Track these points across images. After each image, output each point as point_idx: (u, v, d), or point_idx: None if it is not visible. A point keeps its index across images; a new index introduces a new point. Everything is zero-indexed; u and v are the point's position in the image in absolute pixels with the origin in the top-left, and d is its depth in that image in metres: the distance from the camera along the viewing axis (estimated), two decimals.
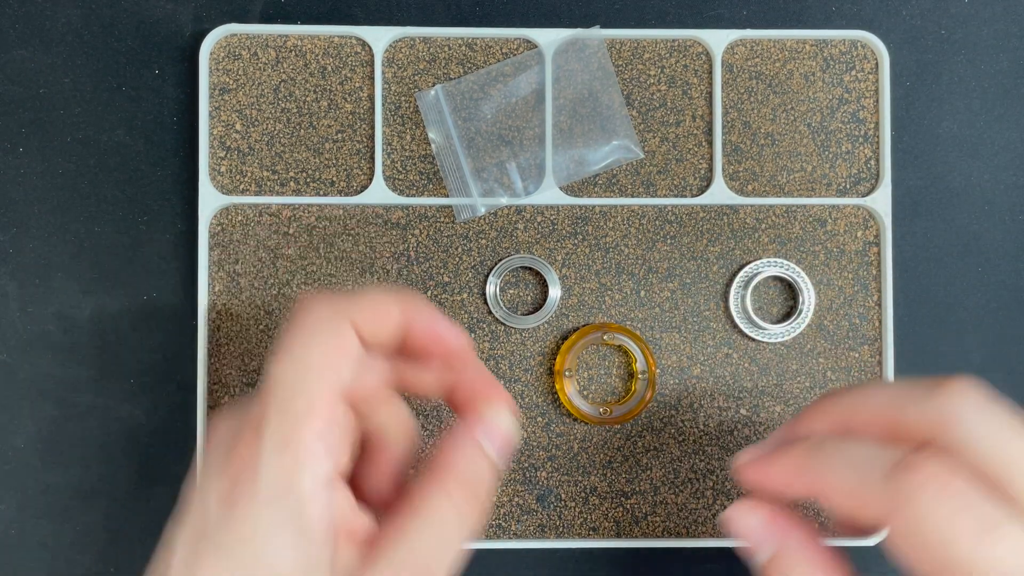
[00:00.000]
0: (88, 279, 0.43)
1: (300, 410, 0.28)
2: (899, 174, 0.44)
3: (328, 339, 0.29)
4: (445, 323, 0.31)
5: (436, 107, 0.43)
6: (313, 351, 0.28)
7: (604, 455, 0.42)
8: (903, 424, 0.28)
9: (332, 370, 0.28)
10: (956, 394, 0.27)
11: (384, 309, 0.30)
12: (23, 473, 0.42)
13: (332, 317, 0.29)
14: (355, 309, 0.29)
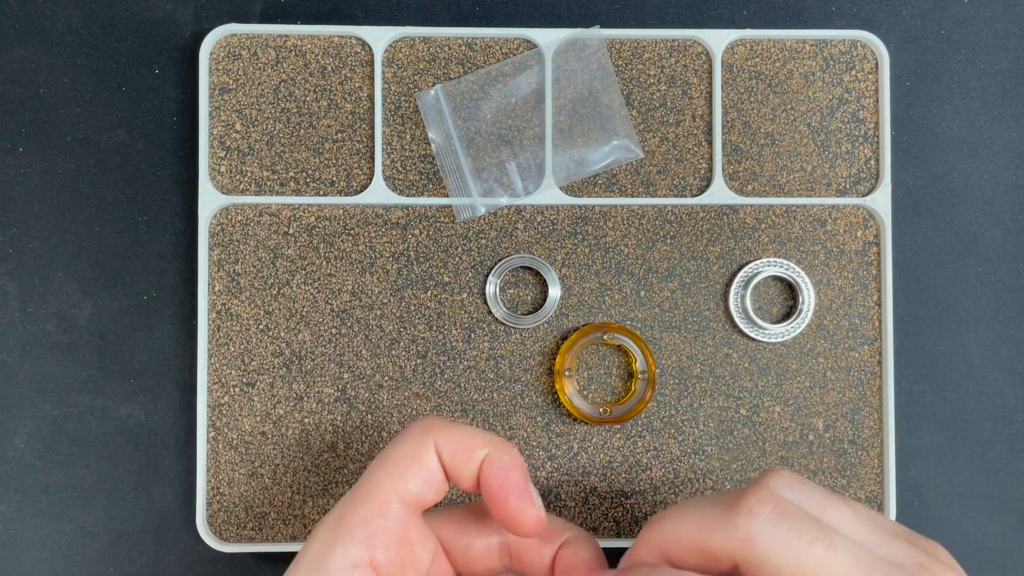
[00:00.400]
0: (88, 279, 0.43)
1: (359, 497, 0.31)
2: (899, 174, 0.44)
3: (408, 449, 0.32)
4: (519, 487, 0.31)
5: (436, 107, 0.43)
6: (393, 456, 0.32)
7: (604, 455, 0.42)
8: (712, 552, 0.29)
9: (399, 473, 0.31)
10: (748, 516, 0.28)
11: (468, 442, 0.32)
12: (23, 473, 0.42)
13: (419, 433, 0.32)
14: (443, 433, 0.32)
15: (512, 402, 0.42)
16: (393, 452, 0.32)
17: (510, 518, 0.31)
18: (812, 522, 0.28)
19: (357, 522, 0.30)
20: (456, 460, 0.32)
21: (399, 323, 0.42)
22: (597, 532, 0.42)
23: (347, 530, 0.30)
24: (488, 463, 0.32)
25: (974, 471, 0.44)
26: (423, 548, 0.32)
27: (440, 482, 0.32)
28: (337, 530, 0.30)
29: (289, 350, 0.42)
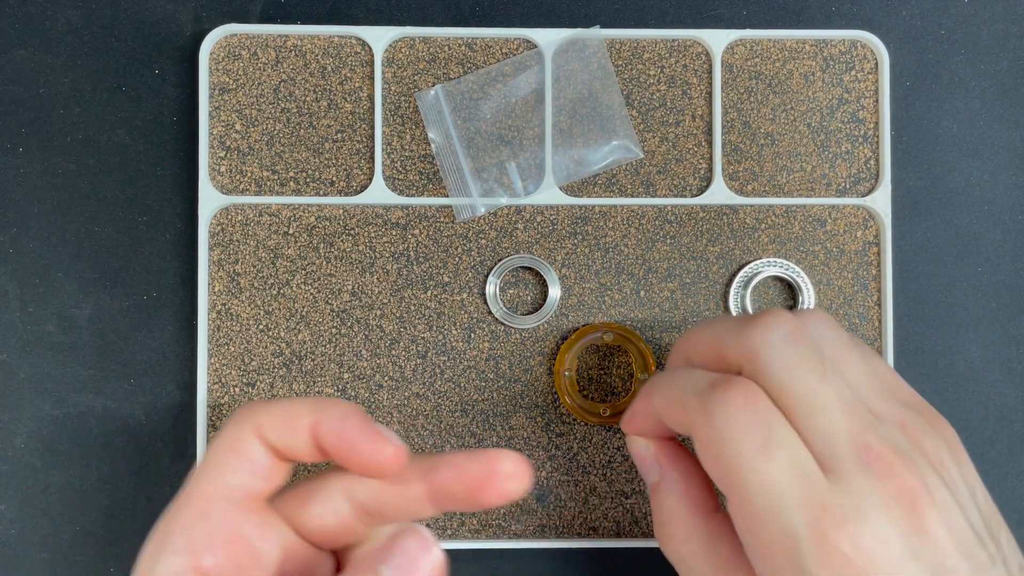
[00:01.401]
0: (88, 279, 0.43)
1: (179, 503, 0.29)
2: (899, 174, 0.44)
3: (224, 443, 0.29)
4: (359, 428, 0.29)
5: (436, 107, 0.43)
6: (210, 454, 0.29)
7: (604, 455, 0.42)
8: (724, 355, 0.31)
9: (217, 470, 0.29)
10: (763, 329, 0.30)
11: (291, 415, 0.29)
12: (23, 473, 0.42)
13: (235, 423, 0.30)
14: (261, 416, 0.29)
15: (512, 402, 0.42)
16: (211, 449, 0.30)
17: (368, 464, 0.29)
18: (817, 354, 0.30)
19: (177, 529, 0.28)
20: (283, 437, 0.29)
21: (399, 323, 0.42)
22: (597, 532, 0.42)
23: (169, 539, 0.28)
24: (318, 426, 0.29)
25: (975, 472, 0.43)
26: (266, 540, 0.29)
27: (270, 467, 0.29)
28: (160, 540, 0.28)
29: (289, 350, 0.42)
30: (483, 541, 0.42)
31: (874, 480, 0.28)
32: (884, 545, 0.28)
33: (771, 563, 0.29)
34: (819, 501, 0.28)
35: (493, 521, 0.42)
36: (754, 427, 0.29)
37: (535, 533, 0.42)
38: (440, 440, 0.42)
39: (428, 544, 0.28)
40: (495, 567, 0.43)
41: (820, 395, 0.29)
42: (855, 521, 0.28)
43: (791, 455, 0.29)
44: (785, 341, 0.30)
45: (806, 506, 0.28)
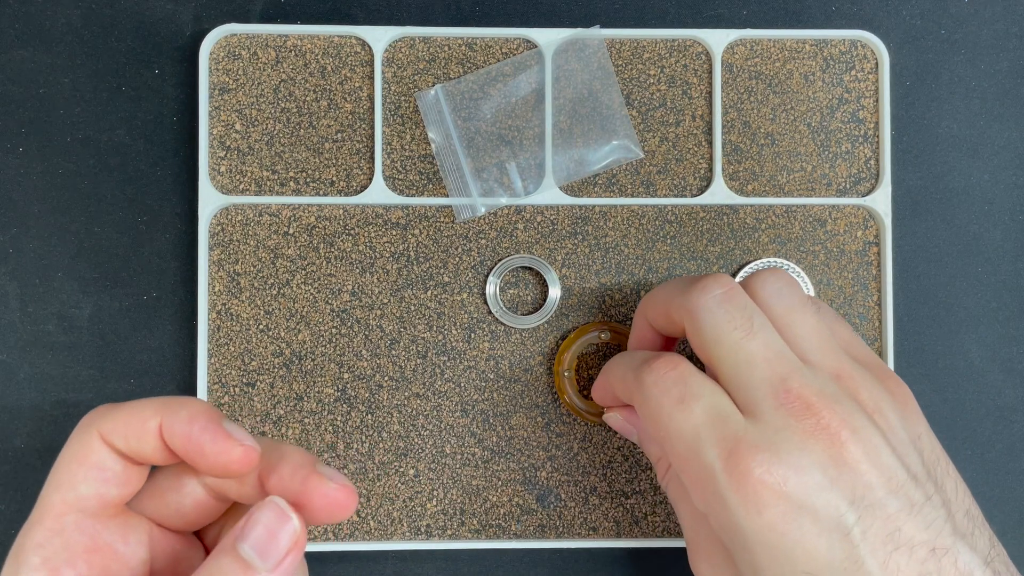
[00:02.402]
0: (88, 279, 0.43)
1: (32, 520, 0.28)
2: (899, 174, 0.44)
3: (69, 451, 0.29)
4: (204, 430, 0.28)
5: (436, 107, 0.43)
6: (58, 465, 0.29)
7: (604, 455, 0.42)
8: (671, 315, 0.35)
9: (67, 482, 0.28)
10: (699, 291, 0.34)
11: (137, 418, 0.29)
12: (23, 473, 0.42)
13: (79, 432, 0.29)
14: (104, 419, 0.29)
15: (512, 402, 0.42)
16: (58, 460, 0.29)
17: (218, 466, 0.28)
18: (746, 314, 0.33)
19: (32, 548, 0.28)
20: (130, 442, 0.29)
21: (399, 323, 0.42)
22: (597, 532, 0.42)
23: (24, 560, 0.28)
24: (165, 429, 0.28)
25: (974, 471, 0.43)
26: (128, 544, 0.29)
27: (121, 473, 0.29)
28: (16, 563, 0.28)
29: (289, 350, 0.42)
30: (483, 541, 0.42)
31: (791, 419, 0.31)
32: (798, 473, 0.30)
33: (699, 498, 0.32)
34: (733, 436, 0.31)
35: (493, 521, 0.42)
36: (672, 385, 0.33)
37: (535, 533, 0.42)
38: (440, 440, 0.42)
39: (285, 515, 0.28)
40: (495, 567, 0.43)
41: (744, 350, 0.32)
42: (768, 451, 0.30)
43: (707, 403, 0.32)
44: (717, 302, 0.33)
45: (720, 442, 0.31)
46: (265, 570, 0.27)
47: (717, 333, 0.33)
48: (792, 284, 0.35)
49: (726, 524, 0.31)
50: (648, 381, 0.33)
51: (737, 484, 0.30)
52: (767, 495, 0.30)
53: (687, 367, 0.33)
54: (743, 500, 0.30)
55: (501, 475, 0.42)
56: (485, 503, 0.42)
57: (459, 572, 0.43)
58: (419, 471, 0.42)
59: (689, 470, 0.32)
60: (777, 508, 0.30)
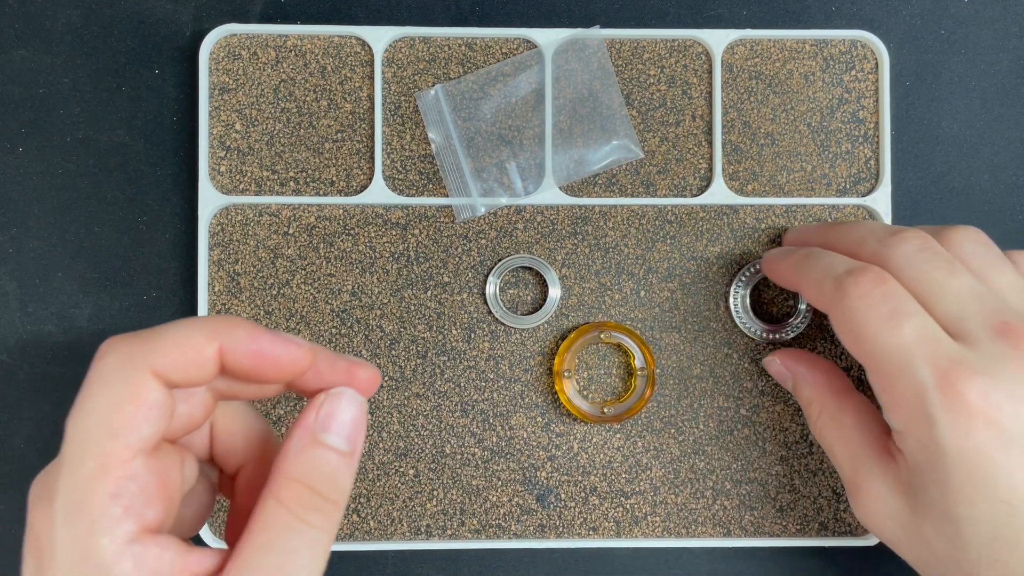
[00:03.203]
0: (88, 279, 0.43)
1: (91, 471, 0.26)
2: (899, 174, 0.44)
3: (122, 391, 0.27)
4: (269, 340, 0.28)
5: (436, 107, 0.43)
6: (105, 405, 0.27)
7: (604, 455, 0.42)
8: (861, 253, 0.35)
9: (126, 425, 0.26)
10: (899, 240, 0.34)
11: (192, 347, 0.27)
12: (23, 473, 0.42)
13: (127, 366, 0.27)
14: (155, 353, 0.27)
15: (512, 402, 0.42)
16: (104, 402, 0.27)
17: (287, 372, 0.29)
18: (946, 260, 0.33)
19: (108, 499, 0.26)
20: (188, 373, 0.27)
21: (399, 323, 0.42)
22: (597, 532, 0.42)
23: (104, 511, 0.26)
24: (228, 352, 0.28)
25: None
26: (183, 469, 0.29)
27: (171, 404, 0.28)
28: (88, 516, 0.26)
29: None
30: (483, 541, 0.42)
31: (1009, 348, 0.31)
32: (1013, 402, 0.30)
33: (903, 416, 0.32)
34: (946, 357, 0.31)
35: (493, 521, 0.42)
36: (881, 301, 0.32)
37: (535, 533, 0.42)
38: (440, 440, 0.42)
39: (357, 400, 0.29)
40: (495, 567, 0.43)
41: (950, 286, 0.33)
42: (986, 375, 0.30)
43: (917, 323, 0.32)
44: (916, 249, 0.34)
45: (933, 360, 0.31)
46: (351, 454, 0.29)
47: (919, 273, 0.33)
48: (987, 243, 0.35)
49: (926, 442, 0.31)
50: (854, 294, 0.33)
51: (949, 403, 0.30)
52: (980, 418, 0.30)
53: (895, 283, 0.33)
54: (953, 420, 0.30)
55: (501, 475, 0.42)
56: (485, 503, 0.42)
57: (459, 572, 0.43)
58: (419, 471, 0.42)
59: (895, 388, 0.32)
60: (988, 432, 0.30)
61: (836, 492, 0.42)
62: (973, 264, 0.34)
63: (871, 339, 0.32)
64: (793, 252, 0.38)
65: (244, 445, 0.31)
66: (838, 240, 0.37)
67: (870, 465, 0.34)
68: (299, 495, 0.27)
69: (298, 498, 0.27)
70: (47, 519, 0.26)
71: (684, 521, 0.42)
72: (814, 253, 0.37)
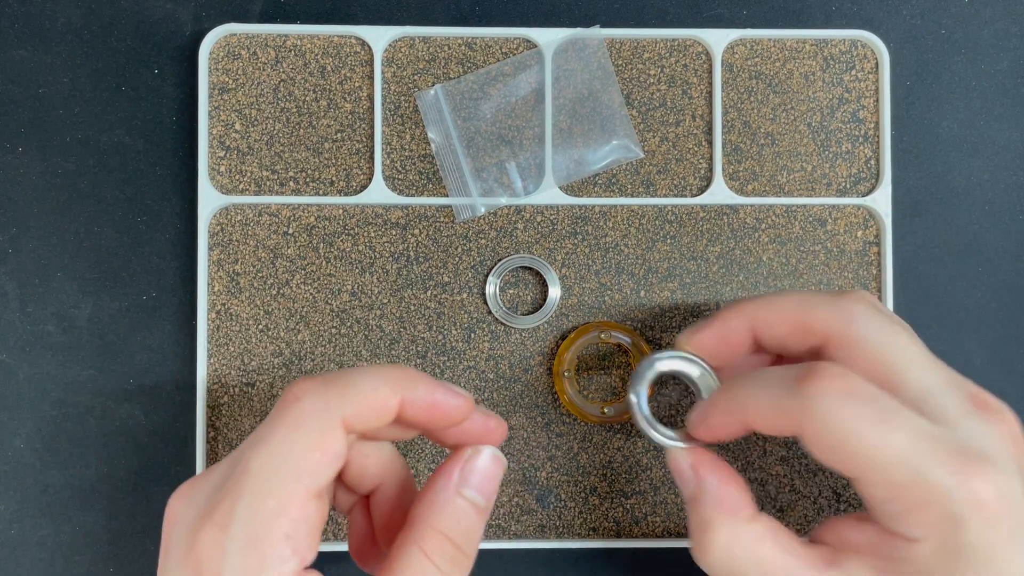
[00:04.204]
0: (88, 279, 0.43)
1: (271, 509, 0.28)
2: (899, 174, 0.44)
3: (313, 438, 0.28)
4: (443, 393, 0.31)
5: (436, 107, 0.43)
6: (295, 448, 0.28)
7: (604, 455, 0.42)
8: (810, 324, 0.32)
9: (310, 471, 0.28)
10: (854, 300, 0.32)
11: (379, 400, 0.30)
12: (23, 473, 0.42)
13: (321, 415, 0.29)
14: (347, 404, 0.29)
15: (512, 402, 0.42)
16: (293, 446, 0.28)
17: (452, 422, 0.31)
18: (898, 321, 0.31)
19: (282, 539, 0.28)
20: (370, 423, 0.30)
21: (399, 323, 0.42)
22: (597, 532, 0.42)
23: (273, 551, 0.28)
24: (408, 405, 0.30)
25: None
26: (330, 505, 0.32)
27: (345, 452, 0.30)
28: (260, 552, 0.28)
29: (289, 350, 0.42)
30: (483, 541, 0.42)
31: (988, 424, 0.30)
32: (1010, 487, 0.29)
33: (923, 523, 0.29)
34: (955, 451, 0.29)
35: (493, 521, 0.42)
36: (863, 404, 0.29)
37: (535, 533, 0.42)
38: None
39: (499, 460, 0.32)
40: (495, 567, 0.43)
41: (913, 353, 0.31)
42: (988, 463, 0.29)
43: (906, 418, 0.29)
44: (873, 310, 0.32)
45: (945, 459, 0.28)
46: (486, 510, 0.31)
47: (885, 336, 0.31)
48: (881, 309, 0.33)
49: (951, 545, 0.29)
50: (824, 406, 0.29)
51: (977, 501, 0.28)
52: (1003, 508, 0.28)
53: (861, 380, 0.30)
54: (982, 517, 0.28)
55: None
56: None
57: None
58: (419, 471, 0.42)
59: (910, 496, 0.29)
60: (1009, 521, 0.29)
61: (836, 492, 0.42)
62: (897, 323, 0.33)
63: (868, 451, 0.29)
64: (712, 400, 0.33)
65: (377, 471, 0.33)
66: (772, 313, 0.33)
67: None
68: (441, 547, 0.30)
69: (440, 550, 0.30)
70: (218, 544, 0.28)
71: (684, 521, 0.42)
72: (740, 381, 0.32)
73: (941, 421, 0.30)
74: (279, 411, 0.29)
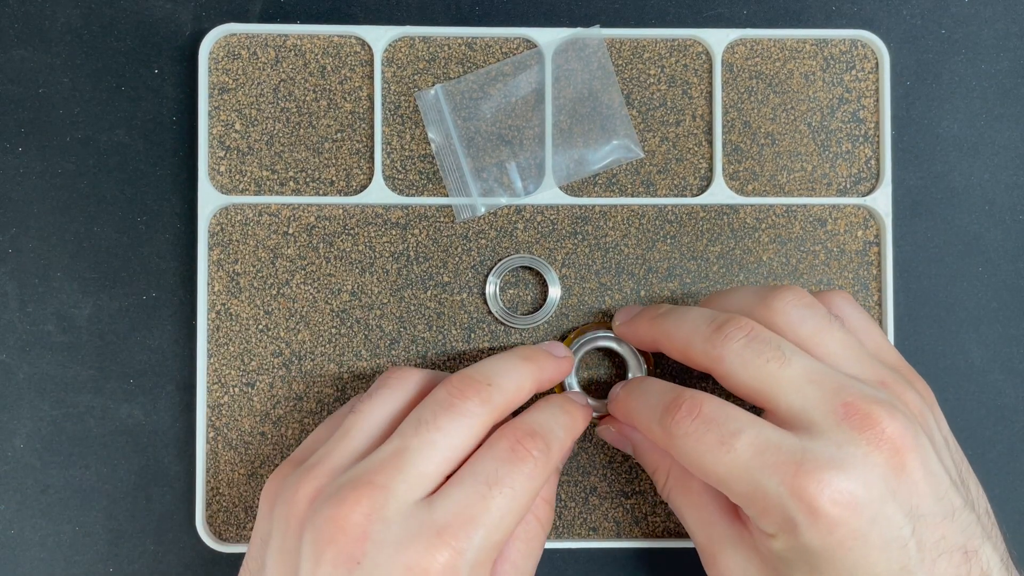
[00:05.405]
0: (88, 279, 0.43)
1: (498, 540, 0.32)
2: (899, 174, 0.44)
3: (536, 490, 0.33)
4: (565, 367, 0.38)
5: (436, 107, 0.43)
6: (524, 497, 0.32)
7: (604, 455, 0.42)
8: (691, 358, 0.35)
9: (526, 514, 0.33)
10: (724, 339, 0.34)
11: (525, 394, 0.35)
12: (23, 473, 0.42)
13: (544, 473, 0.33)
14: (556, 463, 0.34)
15: None
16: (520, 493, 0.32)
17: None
18: (774, 347, 0.33)
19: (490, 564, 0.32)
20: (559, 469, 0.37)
21: (399, 323, 0.42)
22: (597, 532, 0.42)
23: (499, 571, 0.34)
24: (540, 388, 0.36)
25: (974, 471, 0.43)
26: None
27: None
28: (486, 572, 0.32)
29: (289, 350, 0.42)
30: None
31: (854, 432, 0.31)
32: (866, 487, 0.30)
33: (771, 524, 0.31)
34: (790, 460, 0.30)
35: None
36: (706, 431, 0.32)
37: None
38: None
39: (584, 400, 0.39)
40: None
41: (783, 377, 0.32)
42: (833, 468, 0.30)
43: (749, 437, 0.31)
44: (743, 345, 0.33)
45: (777, 469, 0.30)
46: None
47: (750, 374, 0.33)
48: (811, 303, 0.35)
49: (794, 545, 0.31)
50: (678, 433, 0.33)
51: (807, 507, 0.30)
52: (838, 514, 0.30)
53: (711, 405, 0.33)
54: (814, 522, 0.30)
55: None
56: None
57: None
58: None
59: (755, 504, 0.31)
60: (848, 526, 0.30)
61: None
62: (803, 332, 0.34)
63: (713, 471, 0.32)
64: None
65: None
66: (669, 342, 0.36)
67: (723, 534, 0.34)
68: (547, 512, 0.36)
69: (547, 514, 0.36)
70: (453, 568, 0.30)
71: None
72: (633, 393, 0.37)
73: (806, 432, 0.31)
74: (518, 462, 0.33)
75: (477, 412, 0.33)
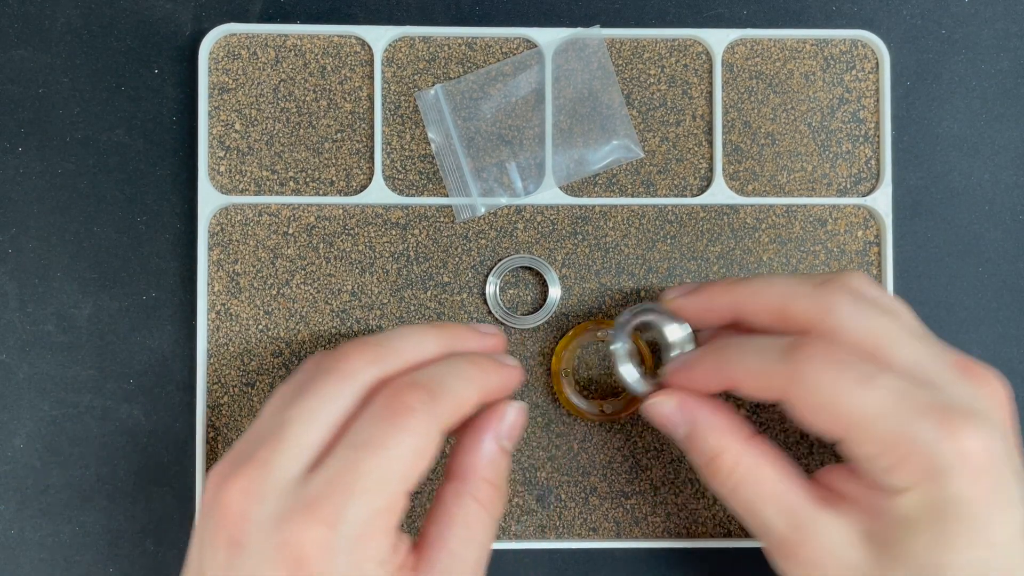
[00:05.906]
0: (88, 279, 0.43)
1: (380, 509, 0.30)
2: (899, 174, 0.44)
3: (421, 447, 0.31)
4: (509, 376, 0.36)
5: (436, 107, 0.43)
6: (407, 455, 0.30)
7: (604, 455, 0.42)
8: (791, 314, 0.33)
9: (416, 475, 0.31)
10: (832, 290, 0.33)
11: (470, 409, 0.33)
12: (22, 473, 0.42)
13: (429, 427, 0.31)
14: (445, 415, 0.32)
15: None
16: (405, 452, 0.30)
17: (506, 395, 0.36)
18: (881, 306, 0.32)
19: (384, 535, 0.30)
20: (455, 424, 0.33)
21: (399, 323, 0.42)
22: (597, 532, 0.42)
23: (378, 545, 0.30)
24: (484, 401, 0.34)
25: None
26: None
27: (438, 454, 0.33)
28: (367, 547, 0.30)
29: (289, 350, 0.42)
30: None
31: (975, 387, 0.31)
32: (994, 443, 0.30)
33: (910, 474, 0.30)
34: (939, 405, 0.30)
35: None
36: (845, 367, 0.30)
37: (535, 533, 0.42)
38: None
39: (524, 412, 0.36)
40: (495, 567, 0.43)
41: (893, 329, 0.32)
42: (976, 417, 0.30)
43: (889, 379, 0.30)
44: (852, 298, 0.32)
45: (930, 411, 0.30)
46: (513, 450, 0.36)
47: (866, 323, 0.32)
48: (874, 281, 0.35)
49: (935, 496, 0.29)
50: (811, 369, 0.31)
51: (960, 452, 0.29)
52: (985, 461, 0.29)
53: (847, 350, 0.31)
54: (965, 468, 0.29)
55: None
56: None
57: None
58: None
59: (894, 450, 0.30)
60: (991, 476, 0.29)
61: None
62: (882, 306, 0.33)
63: (850, 408, 0.30)
64: (700, 354, 0.35)
65: None
66: (754, 301, 0.34)
67: (812, 516, 0.32)
68: (491, 495, 0.33)
69: (490, 497, 0.33)
70: (325, 542, 0.29)
71: (684, 521, 0.42)
72: (732, 343, 0.34)
73: (927, 385, 0.31)
74: (392, 417, 0.30)
75: (360, 370, 0.32)
